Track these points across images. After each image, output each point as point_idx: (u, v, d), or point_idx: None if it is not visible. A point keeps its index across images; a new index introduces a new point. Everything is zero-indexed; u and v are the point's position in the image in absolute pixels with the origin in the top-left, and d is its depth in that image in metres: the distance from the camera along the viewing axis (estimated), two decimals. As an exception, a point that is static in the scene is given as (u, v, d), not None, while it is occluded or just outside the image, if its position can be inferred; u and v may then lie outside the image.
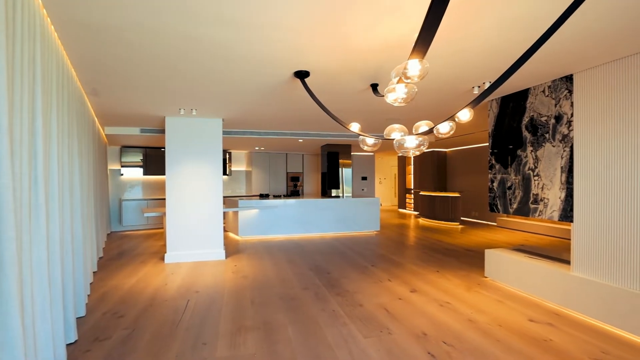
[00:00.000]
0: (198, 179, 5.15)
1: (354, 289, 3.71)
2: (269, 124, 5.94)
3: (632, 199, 2.63)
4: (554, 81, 3.23)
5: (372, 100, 4.04)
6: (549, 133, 3.28)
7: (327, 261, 4.98)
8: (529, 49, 1.56)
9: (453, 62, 2.76)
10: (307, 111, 4.75)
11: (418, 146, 2.05)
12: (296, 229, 7.26)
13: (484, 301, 3.35)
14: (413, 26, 2.08)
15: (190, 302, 3.36)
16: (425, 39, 1.45)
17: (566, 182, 3.13)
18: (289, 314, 3.04)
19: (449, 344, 2.49)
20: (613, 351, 2.38)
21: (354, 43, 2.37)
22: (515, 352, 2.38)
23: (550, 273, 3.24)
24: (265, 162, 10.23)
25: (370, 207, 7.71)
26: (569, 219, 3.11)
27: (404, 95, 1.87)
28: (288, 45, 2.42)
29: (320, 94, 3.69)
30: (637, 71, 2.59)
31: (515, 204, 3.67)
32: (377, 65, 2.84)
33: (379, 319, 2.92)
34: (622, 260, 2.70)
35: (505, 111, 3.79)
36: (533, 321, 2.88)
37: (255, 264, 4.85)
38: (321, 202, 7.45)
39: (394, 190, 14.62)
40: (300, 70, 2.96)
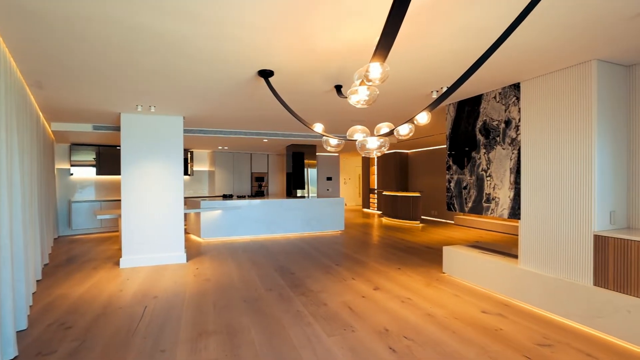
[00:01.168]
0: (157, 179, 4.92)
1: (318, 289, 3.74)
2: (232, 123, 5.81)
3: (565, 197, 2.88)
4: (503, 88, 3.47)
5: (337, 102, 4.09)
6: (500, 136, 3.52)
7: (292, 261, 4.97)
8: (480, 58, 1.66)
9: (413, 66, 2.87)
10: (271, 111, 4.71)
11: (379, 147, 2.11)
12: (261, 229, 7.17)
13: (441, 296, 3.51)
14: (375, 30, 2.14)
15: (147, 308, 3.20)
16: (386, 44, 1.50)
17: (514, 182, 3.36)
18: (253, 316, 3.00)
19: (409, 339, 2.58)
20: (553, 336, 2.60)
21: (318, 44, 2.39)
22: (469, 342, 2.52)
23: (501, 267, 3.47)
24: (229, 161, 10.00)
25: (335, 207, 7.80)
26: (517, 216, 3.35)
27: (366, 98, 1.91)
28: (252, 44, 2.39)
29: (284, 93, 3.67)
30: (573, 82, 2.84)
31: (470, 203, 3.89)
32: (340, 67, 2.88)
33: (342, 318, 2.97)
34: (560, 253, 2.95)
35: (461, 115, 4.00)
36: (485, 312, 3.07)
37: (218, 266, 4.73)
38: (286, 202, 7.42)
39: (358, 190, 14.90)
40: (264, 69, 2.93)
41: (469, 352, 2.38)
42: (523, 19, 1.51)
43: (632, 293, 2.48)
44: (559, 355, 2.33)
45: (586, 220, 2.77)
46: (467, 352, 2.38)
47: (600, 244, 2.68)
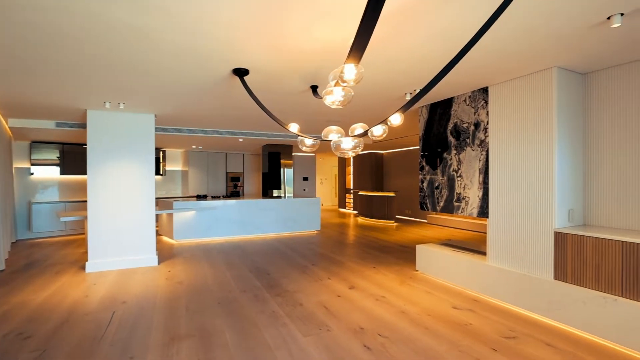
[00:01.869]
0: (127, 179, 4.73)
1: (294, 289, 3.73)
2: (207, 122, 5.68)
3: (529, 197, 3.04)
4: (473, 92, 3.60)
5: (312, 102, 4.10)
6: (470, 138, 3.65)
7: (268, 262, 4.93)
8: (449, 63, 1.72)
9: (387, 68, 2.92)
10: (247, 110, 4.65)
11: (354, 147, 2.14)
12: (236, 230, 7.06)
13: (415, 293, 3.60)
14: (349, 31, 2.16)
15: (116, 314, 3.07)
16: (360, 45, 1.52)
17: (483, 183, 3.51)
18: (227, 319, 2.95)
19: (383, 336, 2.62)
20: (518, 328, 2.73)
21: (293, 43, 2.39)
22: (441, 337, 2.60)
23: (471, 264, 3.60)
24: (203, 161, 9.77)
25: (311, 207, 7.80)
26: (485, 215, 3.49)
27: (341, 98, 1.93)
28: (227, 41, 2.35)
29: (260, 93, 3.64)
30: (536, 87, 3.00)
31: (442, 202, 4.01)
32: (316, 67, 2.89)
33: (318, 317, 2.97)
34: (524, 249, 3.11)
35: (434, 117, 4.12)
36: (456, 308, 3.17)
37: (192, 268, 4.61)
38: (262, 202, 7.35)
39: (334, 190, 14.99)
40: (240, 67, 2.89)
41: (441, 347, 2.46)
42: (489, 26, 1.58)
43: (587, 285, 2.65)
44: (523, 346, 2.45)
45: (547, 218, 2.93)
46: (439, 347, 2.46)
47: (559, 240, 2.84)
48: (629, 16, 2.00)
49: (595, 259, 2.61)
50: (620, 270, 2.47)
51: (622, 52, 2.56)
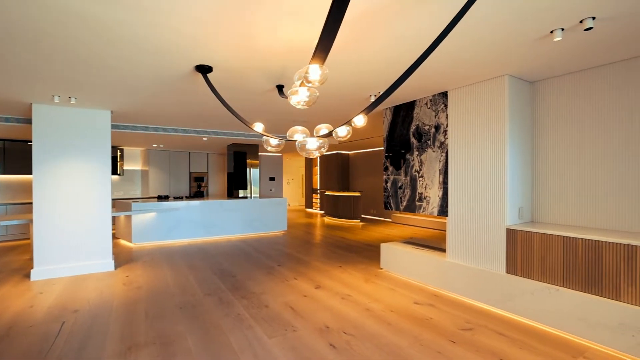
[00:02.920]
0: (79, 179, 4.42)
1: (260, 290, 3.68)
2: (169, 120, 5.46)
3: (483, 196, 3.23)
4: (434, 96, 3.76)
5: (278, 102, 4.08)
6: (431, 140, 3.81)
7: (233, 264, 4.83)
8: (409, 67, 1.79)
9: (352, 70, 2.98)
10: (211, 108, 4.53)
11: (319, 148, 2.15)
12: (200, 232, 6.84)
13: (379, 291, 3.69)
14: (315, 32, 2.18)
15: (66, 324, 2.86)
16: (325, 46, 1.53)
17: (443, 183, 3.67)
18: (190, 324, 2.85)
19: (348, 334, 2.67)
20: (474, 320, 2.89)
21: (259, 42, 2.36)
22: (404, 332, 2.69)
23: (432, 261, 3.76)
24: (165, 160, 9.37)
25: (277, 208, 7.75)
26: (445, 213, 3.66)
27: (307, 99, 1.94)
28: (188, 37, 2.27)
29: (224, 91, 3.56)
30: (490, 93, 3.19)
31: (404, 201, 4.15)
32: (282, 67, 2.88)
33: (284, 318, 2.96)
34: (480, 245, 3.30)
35: (397, 119, 4.25)
36: (418, 304, 3.30)
37: (152, 272, 4.40)
38: (227, 203, 7.19)
39: (301, 190, 14.99)
40: (203, 64, 2.81)
41: (403, 341, 2.55)
42: (445, 36, 1.66)
43: (534, 277, 2.86)
44: (478, 337, 2.60)
45: (500, 216, 3.13)
46: (401, 342, 2.54)
47: (510, 236, 3.04)
48: (569, 31, 2.19)
49: (541, 252, 2.83)
50: (562, 263, 2.69)
51: (563, 63, 2.80)
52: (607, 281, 2.45)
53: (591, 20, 2.02)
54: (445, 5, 1.86)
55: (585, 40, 2.35)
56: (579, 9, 1.92)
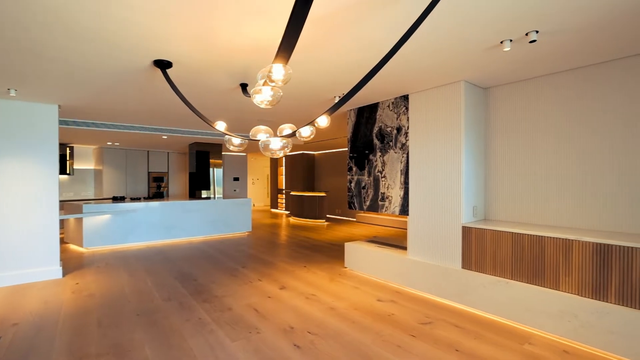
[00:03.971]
0: (21, 179, 4.05)
1: (223, 293, 3.60)
2: (125, 116, 5.16)
3: (441, 195, 3.39)
4: (396, 98, 3.89)
5: (243, 100, 4.01)
6: (393, 141, 3.93)
7: (195, 267, 4.67)
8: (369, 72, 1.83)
9: (318, 71, 3.00)
10: (172, 106, 4.35)
11: (282, 148, 2.14)
12: (160, 234, 6.54)
13: (343, 289, 3.74)
14: (279, 31, 2.17)
15: (3, 339, 2.61)
16: (288, 46, 1.53)
17: (404, 183, 3.80)
18: (148, 331, 2.72)
19: (313, 333, 2.68)
20: (433, 315, 3.02)
21: (222, 38, 2.30)
22: (367, 329, 2.75)
23: (394, 258, 3.88)
24: (121, 160, 8.87)
25: (242, 208, 7.61)
26: (406, 212, 3.79)
27: (270, 98, 1.92)
28: (146, 29, 2.16)
29: (186, 88, 3.44)
30: (447, 97, 3.35)
31: (368, 201, 4.24)
32: (246, 65, 2.83)
33: (248, 320, 2.92)
34: (438, 243, 3.45)
35: (361, 120, 4.34)
36: (380, 301, 3.39)
37: (106, 278, 4.14)
38: (189, 204, 6.94)
39: (266, 190, 14.83)
40: (162, 59, 2.69)
41: (366, 338, 2.60)
42: (406, 40, 1.72)
43: (487, 272, 3.05)
44: (437, 330, 2.72)
45: (456, 215, 3.30)
46: (365, 338, 2.60)
47: (466, 233, 3.22)
48: (516, 42, 2.36)
49: (492, 248, 3.02)
50: (511, 257, 2.89)
51: (512, 72, 3.01)
52: (549, 273, 2.67)
53: (535, 33, 2.19)
54: (404, 11, 1.93)
55: (531, 52, 2.54)
56: (524, 22, 2.07)
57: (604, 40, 2.33)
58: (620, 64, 2.68)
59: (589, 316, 2.42)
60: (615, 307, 2.32)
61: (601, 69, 2.77)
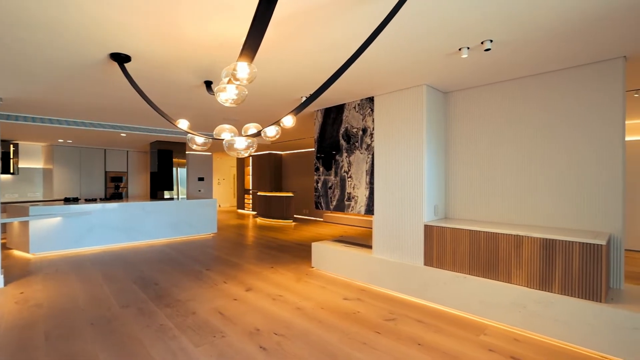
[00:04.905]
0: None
1: (186, 297, 3.48)
2: (79, 112, 4.83)
3: (404, 195, 3.51)
4: (362, 100, 3.96)
5: (207, 98, 3.90)
6: (358, 142, 4.00)
7: (156, 271, 4.48)
8: (334, 74, 1.85)
9: (284, 70, 2.98)
10: (131, 102, 4.14)
11: (247, 148, 2.11)
12: (118, 237, 6.19)
13: (310, 289, 3.75)
14: (244, 28, 2.13)
15: None
16: (253, 44, 1.51)
17: (369, 183, 3.88)
18: (104, 340, 2.57)
19: (279, 334, 2.66)
20: (397, 311, 3.12)
21: (186, 33, 2.23)
22: (333, 328, 2.78)
23: (359, 257, 3.95)
24: (74, 158, 8.30)
25: (207, 209, 7.40)
26: (371, 212, 3.87)
27: (235, 97, 1.89)
28: (104, 20, 2.04)
29: (146, 83, 3.29)
30: (410, 100, 3.47)
31: (334, 201, 4.29)
32: (210, 62, 2.76)
33: (212, 324, 2.84)
34: (401, 241, 3.57)
35: (327, 121, 4.38)
36: (347, 299, 3.44)
37: (56, 286, 3.86)
38: (150, 205, 6.63)
39: (233, 191, 14.53)
40: (119, 53, 2.55)
41: (332, 336, 2.63)
42: (369, 44, 1.76)
43: (447, 268, 3.19)
44: (400, 326, 2.81)
45: (418, 214, 3.42)
46: (331, 337, 2.62)
47: (427, 231, 3.35)
48: (473, 50, 2.49)
49: (452, 245, 3.16)
50: (468, 253, 3.05)
51: (469, 78, 3.17)
52: (502, 267, 2.84)
53: (489, 42, 2.33)
54: (369, 15, 1.98)
55: (487, 59, 2.70)
56: (479, 31, 2.19)
57: (546, 52, 2.52)
58: (566, 73, 2.91)
59: (536, 306, 2.61)
60: (559, 296, 2.52)
61: (546, 77, 3.00)
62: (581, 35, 2.25)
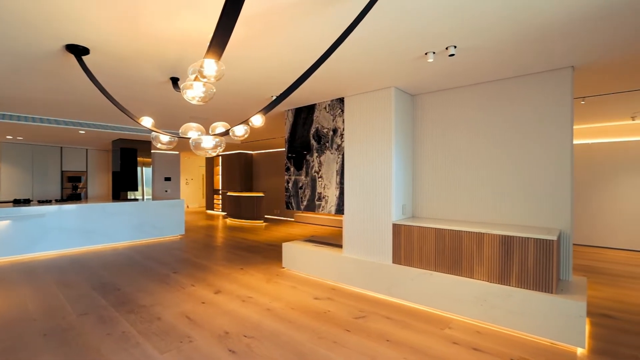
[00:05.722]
0: None
1: (151, 302, 3.34)
2: (31, 107, 4.50)
3: (374, 195, 3.58)
4: (332, 100, 3.99)
5: (174, 96, 3.77)
6: (329, 142, 4.03)
7: (119, 275, 4.26)
8: (303, 74, 1.86)
9: (254, 69, 2.95)
10: (91, 97, 3.91)
11: (215, 147, 2.06)
12: (76, 241, 5.83)
13: (280, 290, 3.73)
14: (212, 25, 2.09)
15: None
16: (220, 41, 1.48)
17: (340, 183, 3.93)
18: (57, 352, 2.41)
19: (249, 337, 2.63)
20: (367, 309, 3.17)
21: (150, 28, 2.14)
22: (303, 327, 2.78)
23: (330, 257, 3.98)
24: (25, 156, 7.72)
25: (174, 210, 7.14)
26: (341, 212, 3.91)
27: (202, 95, 1.84)
28: (56, 9, 1.92)
29: (107, 78, 3.13)
30: (380, 102, 3.55)
31: (305, 201, 4.29)
32: (177, 58, 2.67)
33: (179, 329, 2.75)
34: (371, 240, 3.64)
35: (298, 121, 4.37)
36: (317, 299, 3.45)
37: (2, 296, 3.57)
38: (112, 206, 6.30)
39: (201, 191, 14.13)
40: (76, 44, 2.41)
41: (303, 336, 2.63)
42: (338, 45, 1.78)
43: (414, 265, 3.30)
44: (370, 323, 2.86)
45: (387, 213, 3.50)
46: (301, 337, 2.62)
47: (396, 230, 3.44)
48: (439, 55, 2.59)
49: (419, 243, 3.27)
50: (434, 251, 3.17)
51: (435, 81, 3.29)
52: (465, 263, 2.98)
53: (453, 48, 2.43)
54: (339, 17, 2.00)
55: (452, 64, 2.81)
56: (444, 37, 2.28)
57: (504, 60, 2.68)
58: (522, 80, 3.10)
59: (495, 299, 2.76)
60: (516, 289, 2.68)
61: (504, 84, 3.17)
62: (535, 45, 2.41)
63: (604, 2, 1.83)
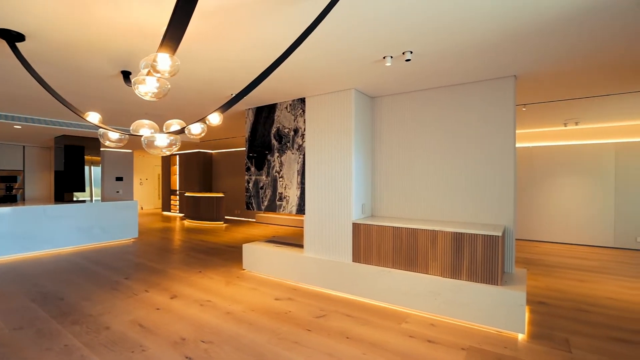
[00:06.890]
0: None
1: (99, 311, 3.12)
2: (-48, 98, 4.01)
3: (334, 194, 3.63)
4: (293, 100, 3.99)
5: (126, 91, 3.55)
6: (290, 142, 4.02)
7: (62, 284, 3.93)
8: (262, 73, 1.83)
9: (214, 66, 2.86)
10: (28, 89, 3.57)
11: (169, 146, 1.97)
12: (11, 247, 5.28)
13: (240, 292, 3.66)
14: (167, 16, 1.99)
15: None
16: (174, 36, 1.42)
17: (301, 183, 3.93)
18: (-13, 369, 2.17)
19: (207, 342, 2.54)
20: (327, 307, 3.21)
21: (97, 16, 2.00)
22: (264, 329, 2.75)
23: (291, 257, 3.97)
24: (-53, 154, 6.85)
25: (126, 212, 6.72)
26: (302, 212, 3.92)
27: (156, 90, 1.75)
28: (-19, -8, 1.73)
29: (48, 69, 2.88)
30: (340, 103, 3.60)
31: (266, 201, 4.25)
32: (128, 50, 2.52)
33: (131, 338, 2.60)
34: (331, 240, 3.68)
35: (259, 120, 4.32)
36: (278, 299, 3.43)
37: None
38: (55, 208, 5.79)
39: (157, 192, 13.45)
40: (9, 29, 2.18)
41: (262, 338, 2.60)
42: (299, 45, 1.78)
43: (373, 263, 3.39)
44: (330, 322, 2.90)
45: (347, 212, 3.57)
46: (261, 338, 2.59)
47: (355, 229, 3.51)
48: (396, 59, 2.69)
49: (377, 242, 3.37)
50: (392, 248, 3.28)
51: (392, 84, 3.41)
52: (421, 260, 3.11)
53: (410, 53, 2.53)
54: (299, 15, 2.00)
55: (408, 68, 2.93)
56: (400, 42, 2.37)
57: (454, 67, 2.84)
58: (470, 86, 3.30)
59: (448, 293, 2.92)
60: (466, 283, 2.86)
61: (454, 89, 3.37)
62: (482, 55, 2.58)
63: (542, 21, 2.01)
